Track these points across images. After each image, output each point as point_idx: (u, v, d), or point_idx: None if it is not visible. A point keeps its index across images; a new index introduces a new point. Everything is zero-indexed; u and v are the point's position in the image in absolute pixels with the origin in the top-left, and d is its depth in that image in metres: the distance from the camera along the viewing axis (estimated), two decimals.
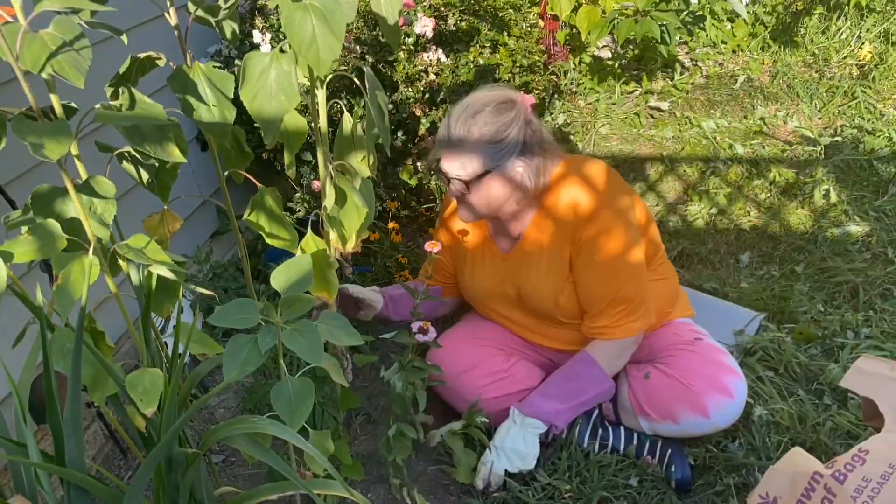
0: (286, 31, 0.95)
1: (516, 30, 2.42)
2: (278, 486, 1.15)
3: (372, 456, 1.78)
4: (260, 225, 1.21)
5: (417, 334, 1.50)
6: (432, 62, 2.20)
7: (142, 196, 1.20)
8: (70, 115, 1.02)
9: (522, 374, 1.78)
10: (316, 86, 1.16)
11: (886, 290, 2.15)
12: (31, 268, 1.48)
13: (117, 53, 1.11)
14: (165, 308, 1.16)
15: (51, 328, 1.03)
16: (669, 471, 1.61)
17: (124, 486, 1.19)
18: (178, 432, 1.06)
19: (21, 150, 0.95)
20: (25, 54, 0.87)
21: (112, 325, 1.49)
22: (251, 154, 1.23)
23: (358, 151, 1.23)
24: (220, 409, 1.96)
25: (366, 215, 1.22)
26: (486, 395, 1.73)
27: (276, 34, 2.18)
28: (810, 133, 3.04)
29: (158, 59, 1.06)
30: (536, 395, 1.67)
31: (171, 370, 1.09)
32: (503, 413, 1.72)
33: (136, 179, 1.13)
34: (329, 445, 1.19)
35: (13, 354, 1.11)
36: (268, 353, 1.00)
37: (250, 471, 1.75)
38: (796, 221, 2.54)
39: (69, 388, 1.00)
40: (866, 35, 3.54)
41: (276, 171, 2.32)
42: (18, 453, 1.02)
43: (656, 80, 3.55)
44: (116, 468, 1.75)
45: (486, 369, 1.76)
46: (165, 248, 1.14)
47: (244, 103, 1.02)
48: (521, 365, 1.79)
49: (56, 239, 0.95)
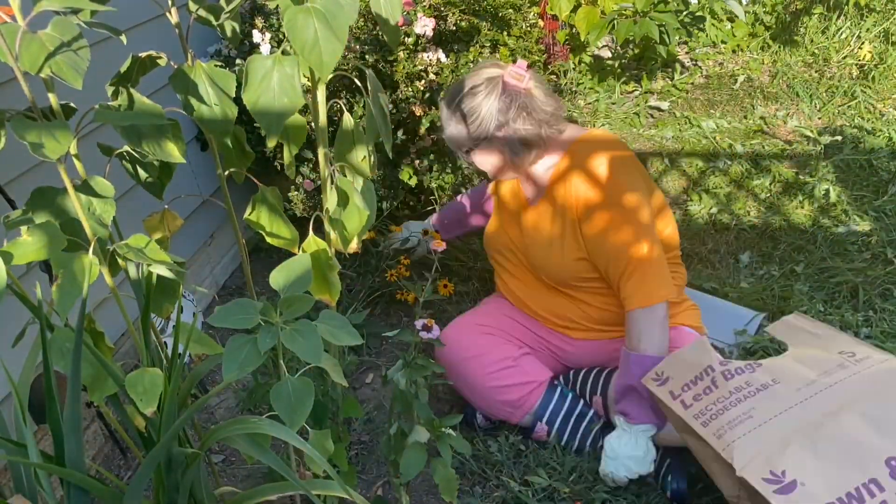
0: (288, 34, 0.95)
1: (516, 29, 2.42)
2: (278, 487, 1.15)
3: (372, 455, 1.78)
4: (260, 224, 1.21)
5: (421, 332, 1.50)
6: (432, 62, 2.20)
7: (142, 196, 1.20)
8: (70, 114, 1.03)
9: (531, 367, 1.77)
10: (316, 86, 1.16)
11: (886, 290, 2.15)
12: (30, 268, 1.48)
13: (118, 53, 1.11)
14: (165, 308, 1.16)
15: (50, 328, 1.03)
16: (666, 480, 1.60)
17: (124, 486, 1.19)
18: (178, 432, 1.06)
19: (21, 150, 0.95)
20: (24, 55, 0.87)
21: (112, 325, 1.49)
22: (252, 153, 1.23)
23: (358, 152, 1.23)
24: (220, 409, 1.96)
25: (367, 217, 1.22)
26: (493, 382, 1.72)
27: (275, 34, 2.18)
28: (810, 133, 3.04)
29: (159, 58, 1.06)
30: (630, 406, 1.60)
31: (170, 370, 1.09)
32: (506, 405, 1.71)
33: (134, 178, 1.13)
34: (329, 445, 1.19)
35: (13, 354, 1.11)
36: (267, 353, 1.00)
37: (250, 470, 1.75)
38: (796, 221, 2.54)
39: (69, 387, 1.00)
40: (866, 35, 3.54)
41: (277, 171, 2.31)
42: (18, 453, 1.02)
43: (656, 79, 3.55)
44: (116, 468, 1.75)
45: (496, 356, 1.75)
46: (165, 247, 1.14)
47: (247, 106, 1.02)
48: (529, 359, 1.79)
49: (56, 239, 0.95)
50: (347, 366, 1.49)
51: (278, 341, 1.01)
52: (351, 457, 1.77)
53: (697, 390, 1.45)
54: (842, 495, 1.20)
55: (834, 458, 1.25)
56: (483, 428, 1.82)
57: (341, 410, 1.44)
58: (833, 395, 1.37)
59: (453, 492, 1.39)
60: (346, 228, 1.22)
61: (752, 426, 1.34)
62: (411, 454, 1.36)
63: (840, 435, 1.29)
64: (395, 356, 2.09)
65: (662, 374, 1.53)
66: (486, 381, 1.73)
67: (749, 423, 1.35)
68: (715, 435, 1.35)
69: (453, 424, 1.41)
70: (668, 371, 1.53)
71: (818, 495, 1.20)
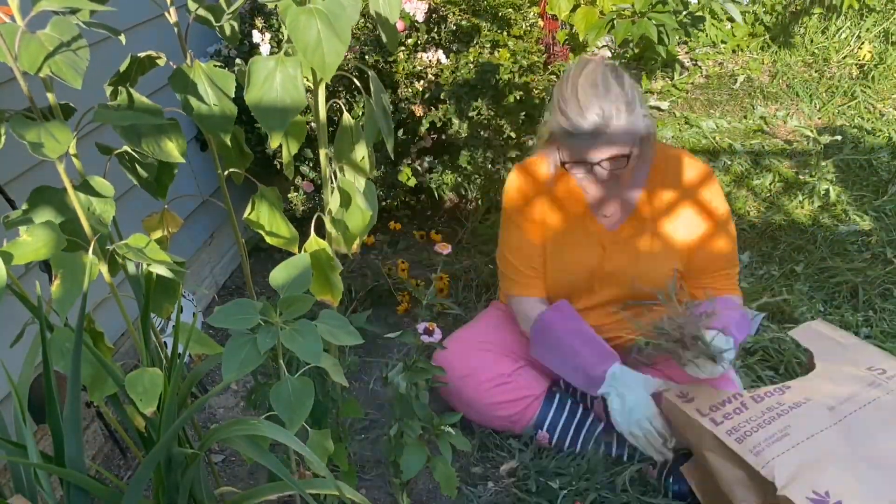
0: (291, 35, 0.95)
1: (516, 29, 2.42)
2: (277, 486, 1.15)
3: (371, 455, 1.78)
4: (260, 224, 1.21)
5: (423, 335, 1.50)
6: (432, 62, 2.20)
7: (142, 196, 1.20)
8: (69, 114, 1.03)
9: (525, 381, 1.74)
10: (318, 86, 1.16)
11: (886, 289, 2.15)
12: (30, 268, 1.48)
13: (117, 53, 1.11)
14: (165, 308, 1.16)
15: (50, 328, 1.03)
16: (668, 482, 1.60)
17: (124, 485, 1.19)
18: (178, 432, 1.06)
19: (20, 150, 0.95)
20: (23, 55, 0.87)
21: (111, 325, 1.49)
22: (251, 154, 1.23)
23: (358, 151, 1.23)
24: (220, 409, 1.96)
25: (370, 217, 1.22)
26: (488, 400, 1.72)
27: (275, 34, 2.18)
28: (810, 133, 3.04)
29: (158, 58, 1.06)
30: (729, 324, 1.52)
31: (170, 370, 1.09)
32: (504, 420, 1.71)
33: (133, 179, 1.13)
34: (329, 445, 1.19)
35: (13, 354, 1.11)
36: (267, 353, 1.00)
37: (251, 469, 1.75)
38: (796, 221, 2.54)
39: (68, 387, 1.00)
40: (866, 35, 3.54)
41: (276, 171, 2.32)
42: (18, 453, 1.02)
43: (656, 79, 3.55)
44: (116, 468, 1.75)
45: (490, 373, 1.73)
46: (165, 247, 1.14)
47: (250, 107, 1.02)
48: (525, 371, 1.76)
49: (55, 239, 0.95)
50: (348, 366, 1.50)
51: (278, 341, 1.01)
52: (350, 456, 1.77)
53: (727, 410, 1.41)
54: None
55: (873, 480, 1.24)
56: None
57: (341, 410, 1.44)
58: (868, 415, 1.36)
59: (453, 488, 1.39)
60: (349, 229, 1.22)
61: (790, 444, 1.30)
62: (411, 453, 1.37)
63: (878, 457, 1.28)
64: (397, 356, 2.09)
65: (688, 394, 1.49)
66: (481, 399, 1.72)
67: (787, 440, 1.31)
68: (752, 452, 1.31)
69: (453, 423, 1.41)
70: (693, 392, 1.49)
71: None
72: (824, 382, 1.45)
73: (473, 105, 2.23)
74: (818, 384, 1.45)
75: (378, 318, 2.25)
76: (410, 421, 1.40)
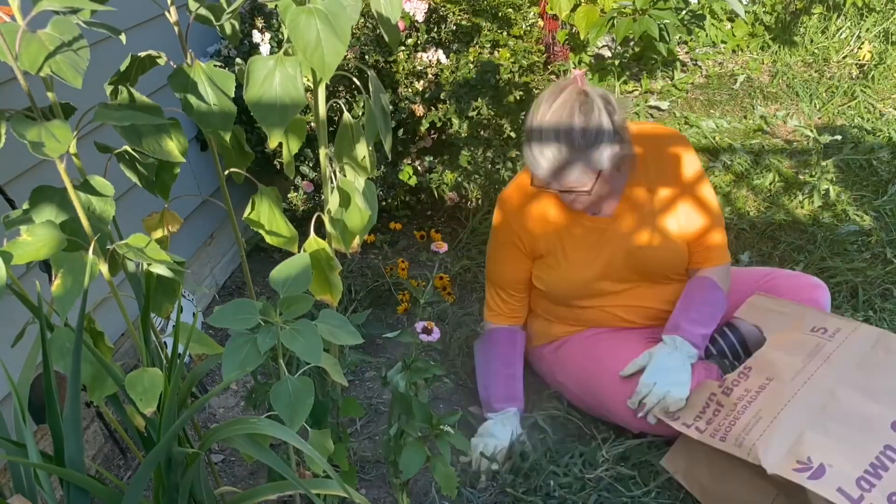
0: (291, 35, 0.95)
1: (516, 29, 2.42)
2: (278, 486, 1.15)
3: (372, 455, 1.78)
4: (260, 223, 1.21)
5: (421, 334, 1.50)
6: (432, 62, 2.20)
7: (142, 196, 1.20)
8: (69, 114, 1.03)
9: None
10: (317, 86, 1.16)
11: (886, 289, 2.15)
12: (30, 267, 1.48)
13: (117, 53, 1.11)
14: (165, 308, 1.16)
15: (50, 328, 1.03)
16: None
17: (124, 486, 1.19)
18: (178, 432, 1.06)
19: (20, 150, 0.95)
20: (24, 54, 0.87)
21: (111, 325, 1.49)
22: (251, 154, 1.23)
23: (359, 151, 1.23)
24: (220, 409, 1.96)
25: (369, 217, 1.22)
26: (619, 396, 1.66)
27: (275, 34, 2.18)
28: (810, 132, 3.04)
29: (158, 57, 1.06)
30: (684, 322, 1.63)
31: (170, 370, 1.09)
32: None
33: (134, 179, 1.13)
34: (329, 445, 1.19)
35: (13, 354, 1.11)
36: (267, 353, 1.00)
37: (252, 468, 1.75)
38: (796, 221, 2.54)
39: (69, 387, 1.00)
40: (866, 35, 3.54)
41: (276, 171, 2.32)
42: (18, 453, 1.02)
43: (656, 79, 3.55)
44: (116, 468, 1.75)
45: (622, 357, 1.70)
46: (165, 247, 1.14)
47: (249, 106, 1.02)
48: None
49: (56, 239, 0.95)
50: (348, 366, 1.50)
51: (278, 341, 1.01)
52: (350, 456, 1.77)
53: (708, 415, 1.50)
54: (867, 466, 1.27)
55: (846, 435, 1.33)
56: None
57: (341, 410, 1.44)
58: (823, 376, 1.46)
59: (453, 487, 1.39)
60: (348, 228, 1.22)
61: (765, 426, 1.39)
62: (410, 452, 1.37)
63: (843, 412, 1.38)
64: (397, 356, 2.09)
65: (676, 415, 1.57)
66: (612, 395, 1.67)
67: (761, 424, 1.40)
68: (735, 444, 1.39)
69: (452, 422, 1.41)
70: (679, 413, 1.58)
71: (848, 473, 1.27)
72: (777, 353, 1.56)
73: (473, 105, 2.23)
74: (773, 356, 1.55)
75: (378, 318, 2.25)
76: (410, 420, 1.40)
